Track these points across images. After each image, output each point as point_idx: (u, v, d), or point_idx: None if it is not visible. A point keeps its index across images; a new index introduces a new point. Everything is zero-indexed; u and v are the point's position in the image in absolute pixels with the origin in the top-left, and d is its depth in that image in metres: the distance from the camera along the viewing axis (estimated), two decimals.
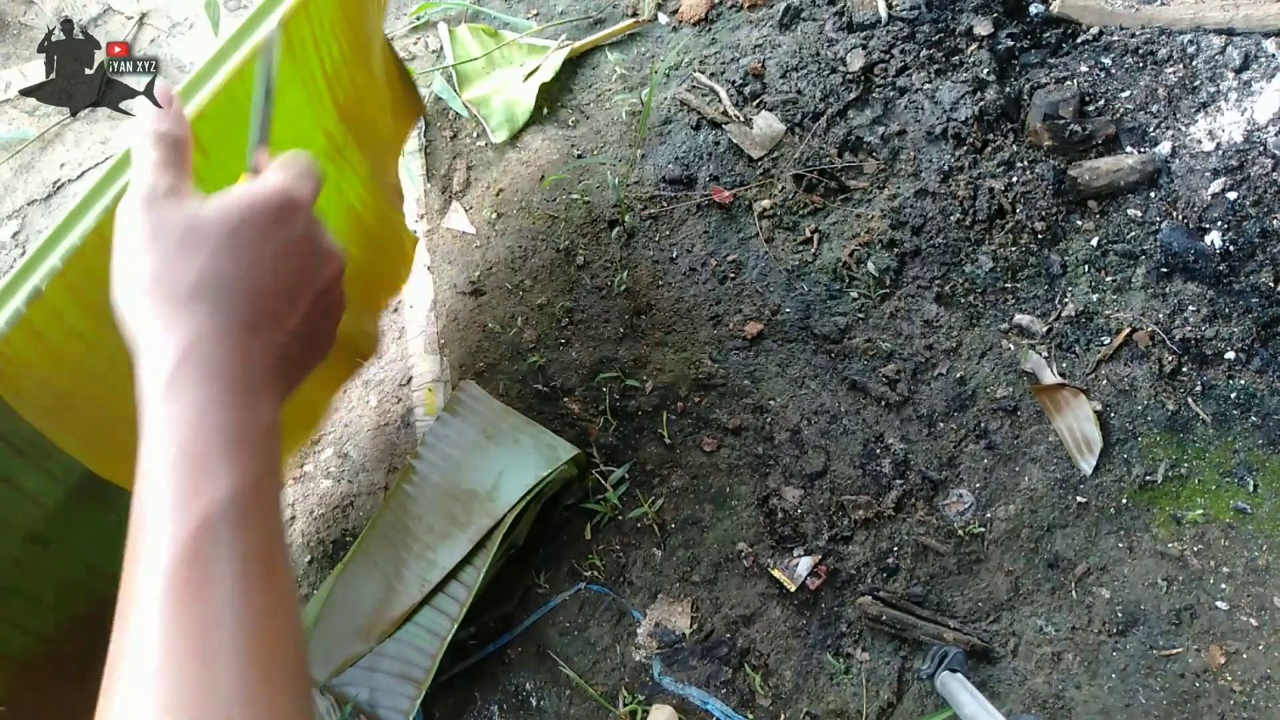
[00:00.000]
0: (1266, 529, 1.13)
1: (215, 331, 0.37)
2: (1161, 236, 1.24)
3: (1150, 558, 1.13)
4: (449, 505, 1.13)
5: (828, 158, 1.36)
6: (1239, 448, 1.16)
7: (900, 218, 1.30)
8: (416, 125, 1.42)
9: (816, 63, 1.42)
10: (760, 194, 1.36)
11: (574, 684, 1.15)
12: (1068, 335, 1.23)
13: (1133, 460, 1.17)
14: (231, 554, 0.33)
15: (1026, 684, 1.10)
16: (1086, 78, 1.34)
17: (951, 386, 1.23)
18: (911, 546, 1.16)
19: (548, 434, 1.18)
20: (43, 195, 1.53)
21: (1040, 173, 1.28)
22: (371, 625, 1.09)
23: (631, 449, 1.25)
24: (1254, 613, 1.10)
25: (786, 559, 1.16)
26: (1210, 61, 1.31)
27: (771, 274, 1.32)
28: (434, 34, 1.60)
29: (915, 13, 1.41)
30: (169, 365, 0.35)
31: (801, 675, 1.13)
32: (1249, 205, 1.22)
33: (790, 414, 1.24)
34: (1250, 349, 1.19)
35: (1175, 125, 1.30)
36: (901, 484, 1.19)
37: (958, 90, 1.34)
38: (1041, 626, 1.12)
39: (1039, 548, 1.15)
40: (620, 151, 1.43)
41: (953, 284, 1.27)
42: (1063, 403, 1.19)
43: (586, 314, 1.33)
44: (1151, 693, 1.08)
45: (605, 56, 1.52)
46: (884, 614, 1.12)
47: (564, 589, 1.20)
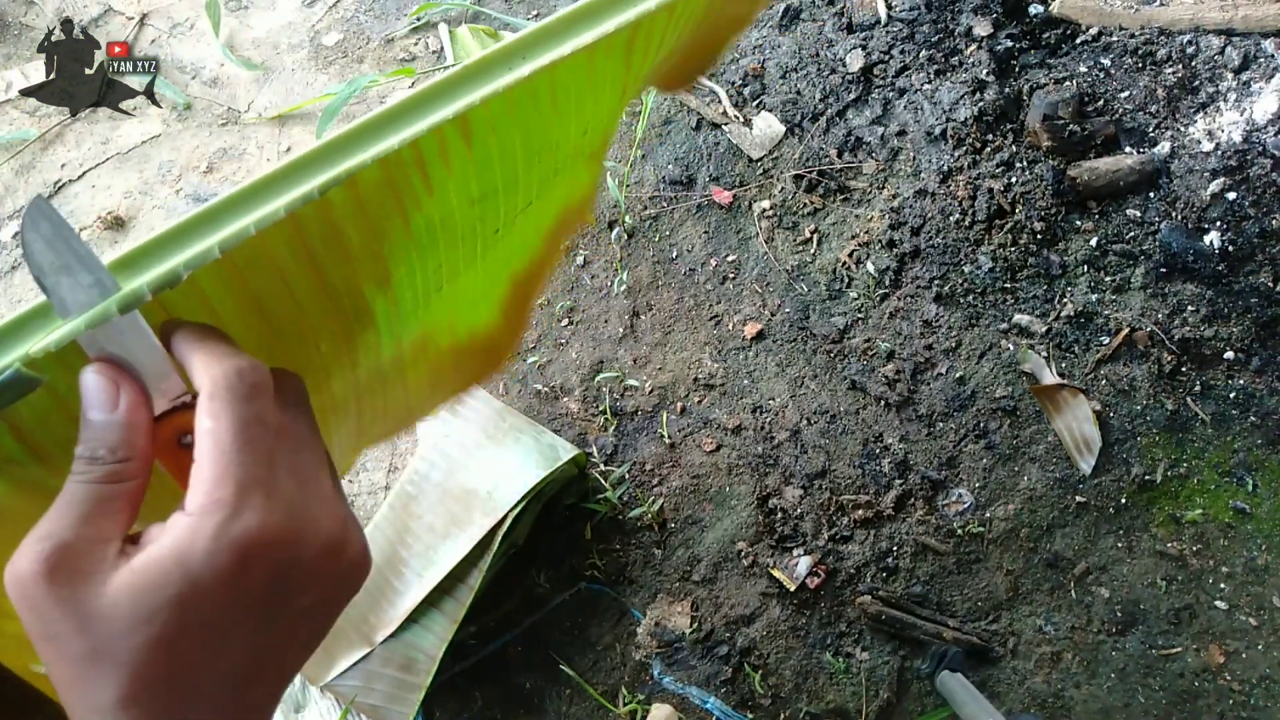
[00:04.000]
0: (1266, 529, 1.13)
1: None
2: (1161, 237, 1.24)
3: (1149, 557, 1.13)
4: (449, 505, 1.14)
5: (827, 158, 1.36)
6: (1238, 448, 1.17)
7: (900, 218, 1.31)
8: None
9: (816, 63, 1.42)
10: (760, 194, 1.37)
11: (574, 683, 1.15)
12: (1067, 335, 1.23)
13: (1132, 460, 1.17)
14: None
15: (1026, 683, 1.10)
16: (1086, 78, 1.35)
17: (951, 386, 1.23)
18: (911, 546, 1.16)
19: (548, 434, 1.18)
20: (44, 195, 1.53)
21: (1040, 173, 1.29)
22: (372, 625, 1.09)
23: (631, 449, 1.25)
24: (1253, 612, 1.10)
25: (786, 558, 1.16)
26: (1209, 62, 1.32)
27: (771, 274, 1.32)
28: (434, 35, 1.60)
29: (915, 13, 1.42)
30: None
31: (801, 674, 1.13)
32: (1248, 205, 1.22)
33: (790, 414, 1.24)
34: (1249, 349, 1.19)
35: (1174, 126, 1.30)
36: (901, 484, 1.19)
37: (957, 91, 1.34)
38: (1041, 626, 1.12)
39: (1038, 547, 1.15)
40: (620, 151, 1.43)
41: (952, 284, 1.27)
42: (1062, 403, 1.19)
43: (586, 314, 1.33)
44: (1151, 692, 1.08)
45: None
46: (884, 613, 1.12)
47: (564, 589, 1.20)
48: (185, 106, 1.58)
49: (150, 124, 1.58)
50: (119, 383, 0.30)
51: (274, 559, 0.29)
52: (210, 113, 1.58)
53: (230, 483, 0.28)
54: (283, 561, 0.29)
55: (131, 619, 0.27)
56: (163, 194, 1.51)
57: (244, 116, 1.57)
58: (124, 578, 0.27)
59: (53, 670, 0.28)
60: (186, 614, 0.27)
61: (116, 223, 1.48)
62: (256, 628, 0.29)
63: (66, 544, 0.28)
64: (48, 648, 0.28)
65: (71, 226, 0.29)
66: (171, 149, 1.55)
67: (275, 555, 0.29)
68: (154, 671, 0.27)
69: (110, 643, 0.27)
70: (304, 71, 1.61)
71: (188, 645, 0.28)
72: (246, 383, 0.29)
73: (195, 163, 1.53)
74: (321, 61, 1.61)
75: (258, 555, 0.28)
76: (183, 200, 1.50)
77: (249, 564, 0.28)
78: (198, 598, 0.27)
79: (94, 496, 0.29)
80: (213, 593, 0.27)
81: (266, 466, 0.29)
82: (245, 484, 0.28)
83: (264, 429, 0.29)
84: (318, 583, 0.31)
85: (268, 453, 0.29)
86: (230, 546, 0.27)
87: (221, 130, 1.56)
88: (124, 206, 1.50)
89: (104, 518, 0.29)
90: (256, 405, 0.29)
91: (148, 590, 0.27)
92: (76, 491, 0.29)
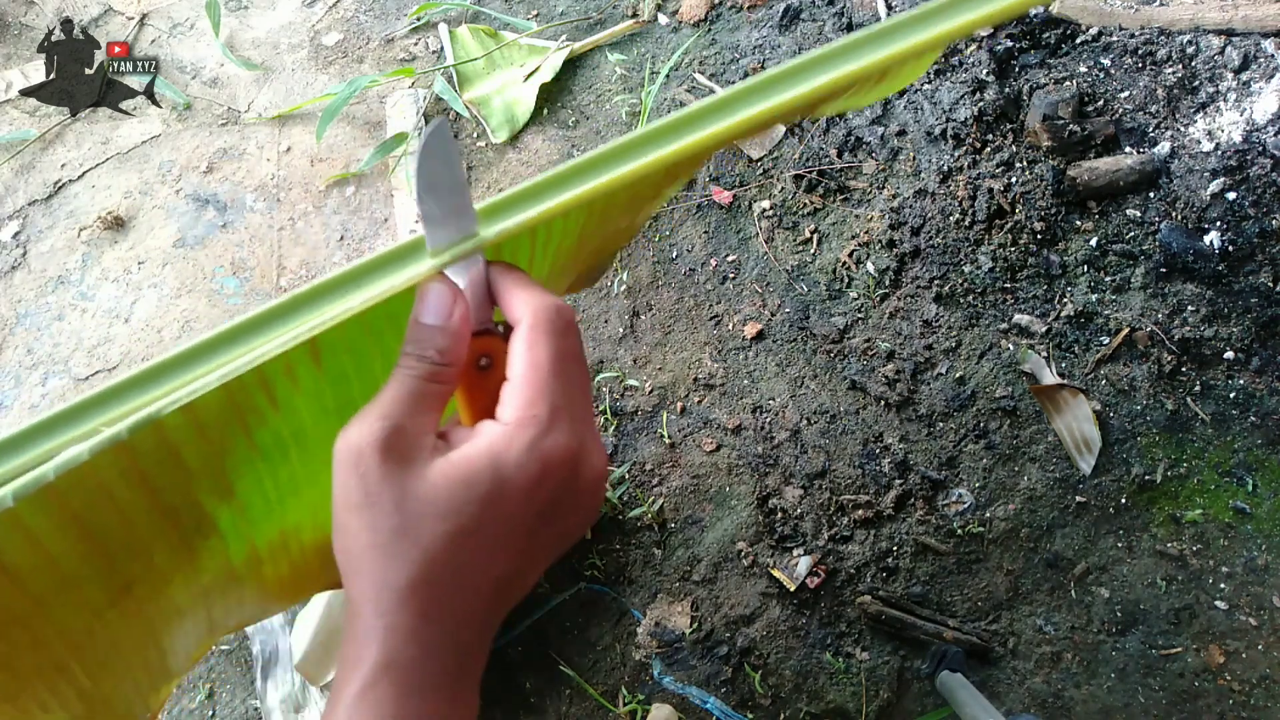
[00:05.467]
0: (1266, 529, 1.13)
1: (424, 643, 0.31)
2: (1161, 237, 1.24)
3: (1149, 557, 1.13)
4: None
5: (827, 158, 1.36)
6: (1238, 447, 1.17)
7: (900, 218, 1.31)
8: None
9: None
10: (760, 194, 1.37)
11: (574, 683, 1.15)
12: (1067, 335, 1.23)
13: (1132, 460, 1.17)
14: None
15: (1026, 683, 1.10)
16: (1086, 78, 1.35)
17: (951, 386, 1.23)
18: (911, 546, 1.16)
19: None
20: (43, 195, 1.53)
21: (1039, 173, 1.29)
22: None
23: (631, 449, 1.25)
24: (1253, 612, 1.10)
25: (786, 558, 1.16)
26: (1209, 62, 1.32)
27: (771, 274, 1.32)
28: (434, 34, 1.60)
29: None
30: (364, 676, 0.30)
31: (801, 674, 1.13)
32: (1248, 205, 1.22)
33: (790, 414, 1.24)
34: (1249, 349, 1.19)
35: (1174, 125, 1.30)
36: (901, 484, 1.19)
37: (957, 91, 1.34)
38: (1041, 626, 1.12)
39: (1038, 547, 1.15)
40: None
41: (952, 284, 1.27)
42: (1062, 403, 1.19)
43: (586, 314, 1.33)
44: (1151, 692, 1.08)
45: (605, 57, 1.52)
46: (884, 613, 1.12)
47: (564, 589, 1.20)
48: (185, 106, 1.58)
49: (150, 124, 1.58)
50: (456, 299, 0.33)
51: (561, 479, 0.32)
52: (210, 113, 1.58)
53: (545, 403, 0.31)
54: (566, 481, 0.32)
55: (444, 507, 0.30)
56: (163, 194, 1.51)
57: (244, 116, 1.57)
58: (442, 468, 0.31)
59: (355, 540, 0.30)
60: (486, 514, 0.30)
61: (116, 222, 1.48)
62: (529, 538, 0.32)
63: (400, 427, 0.31)
64: (360, 516, 0.30)
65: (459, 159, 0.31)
66: (171, 149, 1.55)
67: (562, 475, 0.32)
68: (445, 561, 0.30)
69: (419, 524, 0.30)
70: (304, 71, 1.61)
71: (478, 544, 0.31)
72: (563, 319, 0.33)
73: (195, 163, 1.53)
74: (321, 61, 1.61)
75: (552, 473, 0.31)
76: (183, 200, 1.50)
77: (544, 479, 0.31)
78: (500, 500, 0.31)
79: (421, 391, 0.32)
80: (512, 498, 0.31)
81: (569, 396, 0.32)
82: (556, 407, 0.31)
83: (572, 362, 0.33)
84: (581, 508, 0.34)
85: (571, 383, 0.32)
86: (538, 459, 0.31)
87: (221, 130, 1.56)
88: (124, 206, 1.50)
89: (425, 413, 0.32)
90: (569, 340, 0.33)
91: (461, 484, 0.30)
92: (406, 383, 0.32)
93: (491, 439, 0.31)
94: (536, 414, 0.31)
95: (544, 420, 0.31)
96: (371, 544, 0.30)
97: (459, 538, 0.30)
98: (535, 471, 0.31)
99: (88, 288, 1.45)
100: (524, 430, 0.31)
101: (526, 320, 0.32)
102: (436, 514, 0.30)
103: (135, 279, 1.45)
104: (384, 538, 0.30)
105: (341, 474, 0.31)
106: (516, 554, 0.32)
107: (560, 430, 0.31)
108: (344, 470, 0.31)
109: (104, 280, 1.45)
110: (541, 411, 0.31)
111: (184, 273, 1.44)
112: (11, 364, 1.41)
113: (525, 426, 0.31)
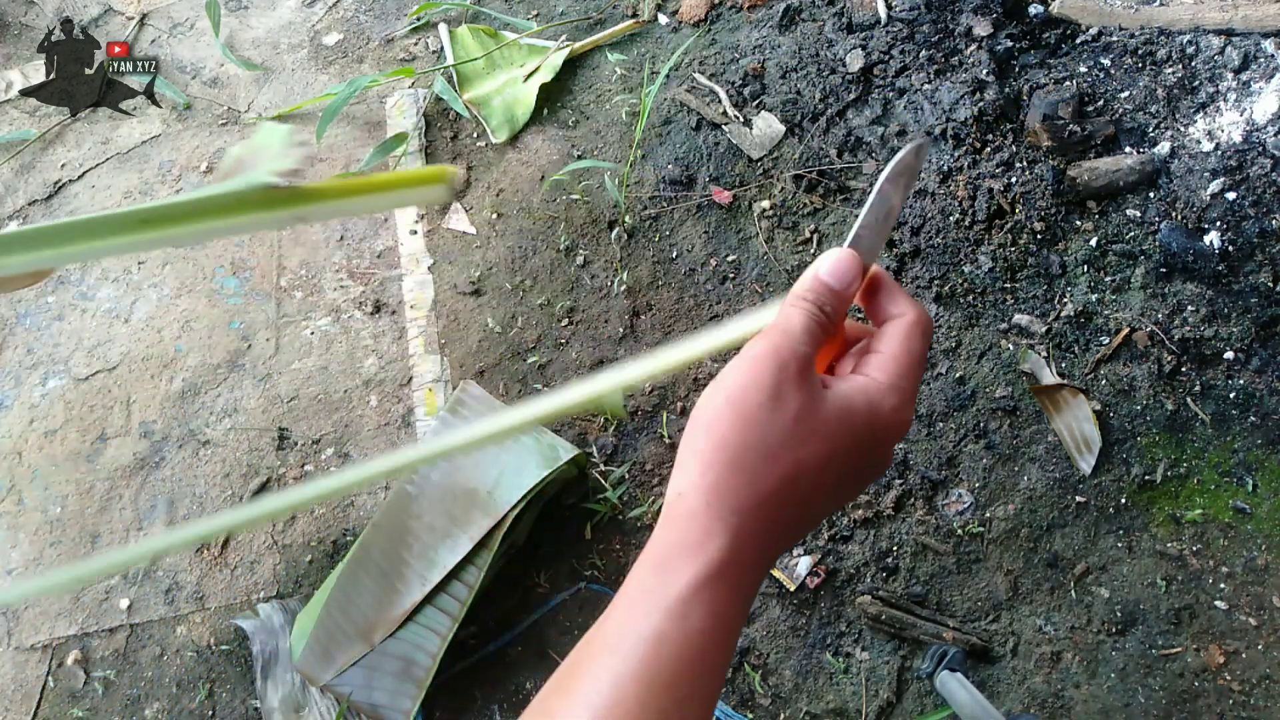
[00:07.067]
0: (1266, 529, 1.13)
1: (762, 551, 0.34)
2: (1160, 237, 1.24)
3: (1149, 557, 1.13)
4: (449, 504, 1.14)
5: (827, 158, 1.36)
6: (1238, 447, 1.17)
7: (899, 217, 1.31)
8: None
9: (816, 63, 1.42)
10: (760, 194, 1.37)
11: None
12: (1067, 335, 1.23)
13: (1132, 460, 1.17)
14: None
15: (1026, 683, 1.10)
16: (1086, 78, 1.35)
17: (951, 386, 1.23)
18: (911, 546, 1.16)
19: (548, 434, 1.18)
20: (43, 195, 1.53)
21: (1039, 173, 1.29)
22: (372, 625, 1.09)
23: (631, 449, 1.25)
24: (1253, 612, 1.10)
25: (786, 558, 1.16)
26: (1209, 62, 1.32)
27: (771, 274, 1.32)
28: (434, 34, 1.60)
29: (914, 13, 1.42)
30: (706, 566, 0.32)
31: (801, 674, 1.13)
32: (1248, 205, 1.22)
33: None
34: (1249, 349, 1.19)
35: (1174, 125, 1.30)
36: (901, 484, 1.19)
37: (957, 91, 1.34)
38: (1041, 626, 1.12)
39: (1038, 547, 1.15)
40: (620, 152, 1.43)
41: (952, 284, 1.27)
42: (1062, 402, 1.19)
43: (586, 314, 1.33)
44: (1150, 692, 1.08)
45: (605, 57, 1.52)
46: (883, 613, 1.12)
47: (564, 589, 1.20)
48: (185, 106, 1.58)
49: (150, 124, 1.58)
50: (858, 274, 0.39)
51: (891, 444, 0.37)
52: (210, 113, 1.58)
53: (911, 381, 0.37)
54: (887, 449, 0.37)
55: (834, 430, 0.34)
56: (163, 194, 1.51)
57: (244, 116, 1.57)
58: (833, 397, 0.35)
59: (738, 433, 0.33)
60: (851, 449, 0.35)
61: None
62: (855, 481, 0.37)
63: (810, 355, 0.36)
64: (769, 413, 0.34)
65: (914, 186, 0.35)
66: (171, 149, 1.55)
67: (893, 441, 0.37)
68: (805, 479, 0.34)
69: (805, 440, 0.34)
70: (304, 71, 1.61)
71: (825, 477, 0.35)
72: (931, 326, 0.40)
73: (195, 163, 1.53)
74: (321, 61, 1.61)
75: (892, 436, 0.37)
76: None
77: (889, 438, 0.36)
78: (859, 443, 0.35)
79: (819, 331, 0.37)
80: (863, 445, 0.35)
81: (918, 384, 0.39)
82: (916, 388, 0.38)
83: (924, 361, 0.39)
84: (878, 473, 0.39)
85: (921, 376, 0.39)
86: (898, 421, 0.36)
87: (221, 130, 1.56)
88: (124, 206, 1.50)
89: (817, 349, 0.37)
90: (928, 342, 0.40)
91: (848, 414, 0.35)
92: (809, 321, 0.37)
93: (869, 390, 0.36)
94: (904, 387, 0.37)
95: (908, 394, 0.37)
96: (760, 441, 0.33)
97: (826, 462, 0.34)
98: (892, 428, 0.36)
99: (88, 288, 1.45)
100: (894, 393, 0.36)
101: (910, 316, 0.39)
102: (826, 434, 0.34)
103: (135, 279, 1.45)
104: (774, 439, 0.33)
105: (758, 367, 0.34)
106: (829, 496, 0.36)
107: (909, 409, 0.37)
108: (764, 364, 0.34)
109: (104, 280, 1.45)
110: (908, 386, 0.37)
111: (184, 273, 1.44)
112: (11, 364, 1.41)
113: (896, 390, 0.36)
